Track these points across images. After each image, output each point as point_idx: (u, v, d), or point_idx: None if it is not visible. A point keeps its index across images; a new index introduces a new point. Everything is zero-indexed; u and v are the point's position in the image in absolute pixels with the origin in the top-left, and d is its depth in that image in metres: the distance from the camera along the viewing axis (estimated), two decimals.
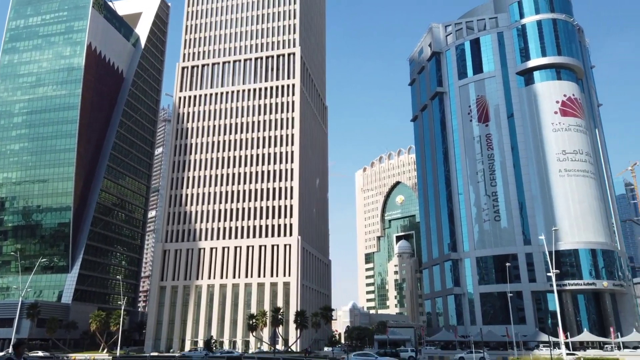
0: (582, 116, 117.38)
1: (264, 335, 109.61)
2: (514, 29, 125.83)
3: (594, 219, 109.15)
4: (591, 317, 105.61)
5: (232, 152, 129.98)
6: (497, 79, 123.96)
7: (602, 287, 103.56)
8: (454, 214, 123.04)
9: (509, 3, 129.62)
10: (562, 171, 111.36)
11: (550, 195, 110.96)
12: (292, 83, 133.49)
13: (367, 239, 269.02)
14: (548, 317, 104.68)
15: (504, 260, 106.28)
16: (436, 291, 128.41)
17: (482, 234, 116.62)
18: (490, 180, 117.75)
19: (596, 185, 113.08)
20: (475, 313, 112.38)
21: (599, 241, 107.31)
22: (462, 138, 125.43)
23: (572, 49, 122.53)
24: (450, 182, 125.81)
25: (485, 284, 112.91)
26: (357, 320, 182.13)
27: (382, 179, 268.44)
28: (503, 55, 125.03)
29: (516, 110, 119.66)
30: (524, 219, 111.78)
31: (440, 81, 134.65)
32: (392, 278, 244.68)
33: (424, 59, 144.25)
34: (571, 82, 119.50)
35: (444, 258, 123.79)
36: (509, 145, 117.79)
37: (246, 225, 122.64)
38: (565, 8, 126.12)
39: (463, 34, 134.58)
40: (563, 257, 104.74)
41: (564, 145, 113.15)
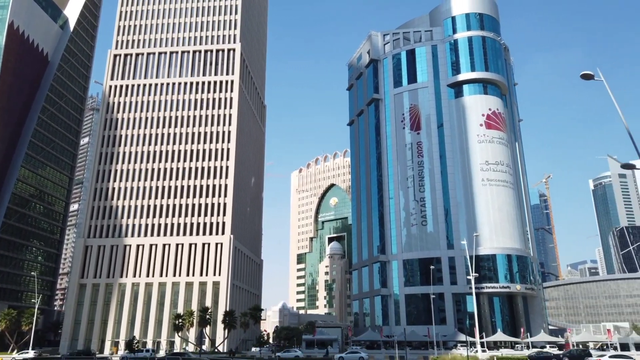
0: (505, 130, 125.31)
1: (190, 336, 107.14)
2: (447, 43, 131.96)
3: (511, 227, 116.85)
4: (505, 318, 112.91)
5: (164, 147, 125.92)
6: (429, 90, 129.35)
7: (516, 290, 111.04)
8: (384, 217, 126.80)
9: (443, 18, 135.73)
10: (484, 180, 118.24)
11: (473, 202, 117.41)
12: (230, 79, 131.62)
13: (300, 240, 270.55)
14: (466, 318, 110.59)
15: (428, 263, 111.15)
16: (364, 292, 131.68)
17: (410, 237, 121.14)
18: (420, 187, 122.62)
19: (514, 194, 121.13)
20: (400, 314, 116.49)
21: (515, 247, 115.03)
22: (395, 144, 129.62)
23: (498, 65, 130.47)
24: (382, 186, 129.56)
25: (410, 285, 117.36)
26: (287, 321, 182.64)
27: (317, 181, 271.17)
28: (436, 67, 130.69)
29: (446, 120, 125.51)
30: (449, 224, 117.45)
31: (377, 88, 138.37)
32: (323, 279, 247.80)
33: (363, 65, 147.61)
34: (496, 97, 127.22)
35: (373, 260, 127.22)
36: (438, 154, 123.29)
37: (176, 223, 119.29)
38: (494, 27, 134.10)
39: (400, 44, 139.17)
40: (482, 261, 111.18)
41: (487, 156, 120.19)
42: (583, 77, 29.66)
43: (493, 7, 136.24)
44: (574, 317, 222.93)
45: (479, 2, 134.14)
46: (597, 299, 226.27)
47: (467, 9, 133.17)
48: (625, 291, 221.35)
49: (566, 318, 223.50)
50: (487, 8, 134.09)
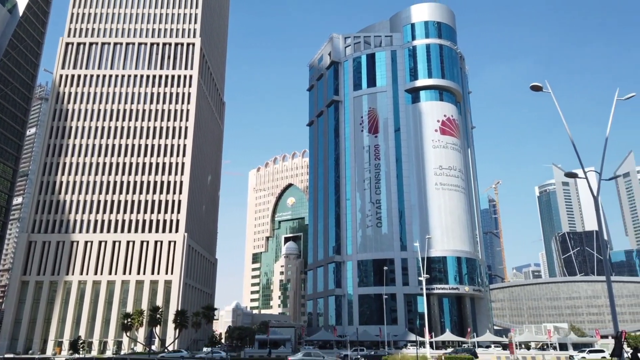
0: (458, 136, 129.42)
1: (139, 336, 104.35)
2: (406, 49, 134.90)
3: (461, 230, 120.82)
4: (453, 319, 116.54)
5: (117, 140, 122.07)
6: (388, 94, 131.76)
7: (464, 291, 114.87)
8: (340, 218, 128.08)
9: (403, 24, 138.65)
10: (437, 185, 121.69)
11: (426, 205, 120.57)
12: (189, 74, 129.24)
13: (256, 239, 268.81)
14: (417, 318, 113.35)
15: (382, 264, 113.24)
16: (319, 292, 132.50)
17: (365, 238, 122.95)
18: (376, 189, 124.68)
19: (465, 199, 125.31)
20: (353, 314, 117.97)
21: (465, 250, 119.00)
22: (353, 146, 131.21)
23: (454, 73, 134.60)
24: (339, 187, 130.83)
25: (364, 286, 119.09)
26: (240, 320, 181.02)
27: (275, 180, 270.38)
28: (395, 72, 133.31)
29: (403, 124, 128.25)
30: (403, 226, 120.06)
31: (337, 90, 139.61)
32: (278, 278, 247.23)
33: (324, 66, 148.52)
34: (451, 104, 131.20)
35: (328, 260, 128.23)
36: (394, 157, 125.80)
37: (128, 219, 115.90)
38: (451, 36, 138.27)
39: (361, 48, 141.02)
40: (433, 263, 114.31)
41: (441, 161, 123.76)
42: (532, 89, 31.16)
43: (450, 17, 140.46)
44: (517, 318, 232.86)
45: (438, 12, 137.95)
46: (539, 300, 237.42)
47: (426, 17, 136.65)
48: (565, 293, 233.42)
49: (510, 319, 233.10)
50: (445, 17, 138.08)
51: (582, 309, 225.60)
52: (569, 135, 31.08)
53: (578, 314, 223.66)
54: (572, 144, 31.19)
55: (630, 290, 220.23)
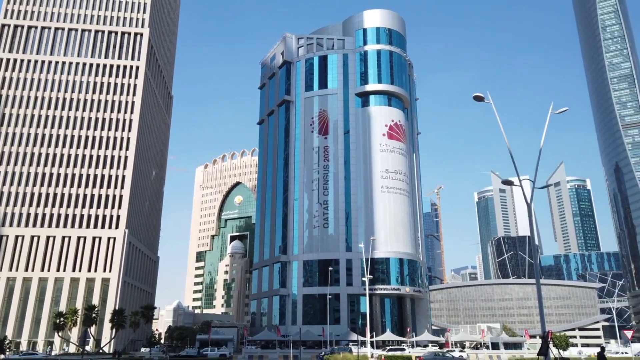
0: (405, 141, 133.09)
1: (73, 336, 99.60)
2: (358, 53, 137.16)
3: (404, 232, 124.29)
4: (394, 319, 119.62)
5: (55, 130, 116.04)
6: (338, 97, 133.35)
7: (405, 292, 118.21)
8: (288, 218, 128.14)
9: (355, 29, 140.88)
10: (383, 188, 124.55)
11: (372, 208, 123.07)
12: (136, 65, 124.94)
13: (200, 237, 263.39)
14: (359, 318, 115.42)
15: (327, 265, 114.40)
16: (263, 292, 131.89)
17: (311, 239, 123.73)
18: (324, 190, 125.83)
19: (409, 202, 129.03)
20: (297, 313, 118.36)
21: (407, 252, 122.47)
22: (302, 147, 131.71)
23: (402, 80, 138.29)
24: (288, 187, 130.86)
25: (309, 286, 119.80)
26: (181, 320, 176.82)
27: (223, 178, 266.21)
28: (346, 75, 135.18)
29: (352, 127, 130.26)
30: (349, 227, 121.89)
31: (289, 90, 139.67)
32: (222, 278, 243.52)
33: (276, 65, 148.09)
34: (399, 110, 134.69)
35: (274, 260, 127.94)
36: (343, 159, 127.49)
37: (64, 214, 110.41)
38: (401, 44, 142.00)
39: (313, 49, 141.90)
40: (377, 264, 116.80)
41: (387, 165, 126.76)
42: (475, 99, 32.66)
43: (401, 24, 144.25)
44: (454, 318, 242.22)
45: (389, 19, 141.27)
46: (474, 301, 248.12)
47: (378, 23, 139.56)
48: (498, 295, 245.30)
49: (447, 319, 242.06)
50: (395, 25, 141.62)
51: (513, 310, 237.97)
52: (507, 144, 32.73)
53: (510, 314, 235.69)
54: (510, 154, 32.92)
55: (557, 293, 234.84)
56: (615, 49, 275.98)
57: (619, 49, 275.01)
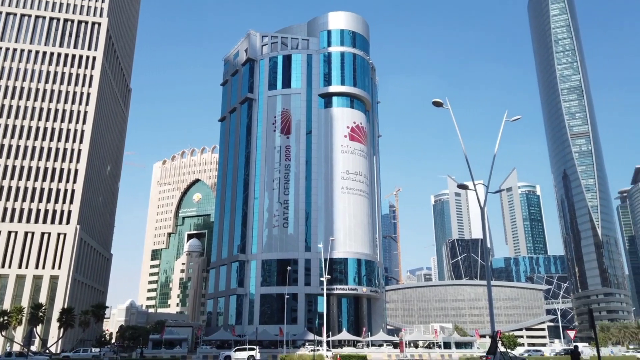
0: (366, 143, 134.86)
1: (17, 335, 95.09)
2: (322, 54, 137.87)
3: (363, 233, 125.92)
4: (350, 318, 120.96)
5: (3, 120, 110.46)
6: (302, 97, 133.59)
7: (362, 292, 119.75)
8: (248, 217, 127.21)
9: (320, 30, 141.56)
10: (344, 188, 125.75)
11: (332, 208, 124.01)
12: (92, 55, 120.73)
13: (157, 235, 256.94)
14: (316, 317, 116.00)
15: (286, 265, 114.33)
16: (220, 291, 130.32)
17: (271, 238, 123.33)
18: (284, 189, 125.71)
19: (368, 204, 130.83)
20: (254, 313, 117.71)
21: (365, 252, 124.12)
22: (264, 146, 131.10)
23: (365, 83, 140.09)
24: (248, 186, 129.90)
25: (267, 285, 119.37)
26: (134, 319, 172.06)
27: (182, 175, 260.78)
28: (310, 76, 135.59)
29: (314, 128, 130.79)
30: (308, 227, 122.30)
31: (252, 88, 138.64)
32: (178, 276, 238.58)
33: (239, 62, 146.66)
34: (361, 112, 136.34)
35: (232, 259, 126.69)
36: (304, 159, 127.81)
37: (11, 207, 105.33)
38: (364, 47, 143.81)
39: (278, 48, 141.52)
40: (335, 264, 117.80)
41: (348, 166, 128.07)
42: (434, 104, 33.68)
43: (365, 28, 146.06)
44: (408, 318, 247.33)
45: (353, 22, 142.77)
46: (428, 302, 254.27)
47: (342, 25, 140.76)
48: (452, 296, 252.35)
49: (402, 319, 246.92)
50: (360, 28, 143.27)
51: (465, 311, 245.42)
52: (463, 150, 33.88)
53: (462, 315, 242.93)
54: (465, 159, 34.07)
55: (507, 294, 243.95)
56: (566, 62, 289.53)
57: (570, 61, 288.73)
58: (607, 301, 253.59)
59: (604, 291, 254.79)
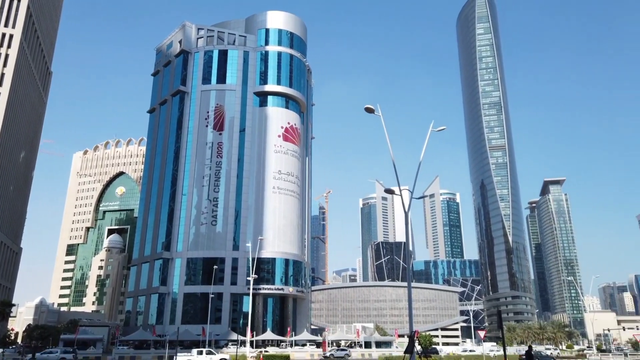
0: (299, 144, 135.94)
1: None
2: (259, 52, 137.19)
3: (292, 234, 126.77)
4: (275, 318, 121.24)
5: None
6: (237, 93, 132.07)
7: (289, 292, 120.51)
8: (174, 213, 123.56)
9: (258, 27, 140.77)
10: (275, 188, 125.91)
11: (262, 207, 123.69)
12: (9, 33, 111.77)
13: (74, 229, 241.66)
14: (241, 317, 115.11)
15: (213, 263, 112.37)
16: (141, 289, 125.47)
17: (198, 236, 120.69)
18: (215, 187, 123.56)
19: (299, 204, 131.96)
20: (176, 312, 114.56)
21: (293, 252, 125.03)
22: (195, 141, 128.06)
23: (301, 84, 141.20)
24: (176, 181, 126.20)
25: (191, 284, 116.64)
26: (44, 318, 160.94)
27: (105, 167, 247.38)
28: (246, 73, 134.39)
29: (248, 126, 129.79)
30: (237, 226, 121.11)
31: (185, 80, 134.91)
32: (96, 273, 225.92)
33: (172, 53, 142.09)
34: (296, 113, 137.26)
35: (155, 256, 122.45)
36: (237, 157, 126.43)
37: None
38: (302, 48, 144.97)
39: (214, 42, 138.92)
40: (263, 264, 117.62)
41: (280, 166, 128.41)
42: (366, 111, 34.90)
43: (303, 30, 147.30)
44: (332, 318, 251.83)
45: (292, 22, 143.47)
46: (352, 302, 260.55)
47: (281, 25, 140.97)
48: (374, 296, 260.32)
49: (326, 319, 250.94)
50: (298, 29, 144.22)
51: (386, 311, 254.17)
52: (391, 156, 35.41)
53: (383, 315, 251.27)
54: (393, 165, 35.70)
55: (426, 295, 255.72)
56: (488, 78, 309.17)
57: (492, 78, 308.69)
58: (514, 303, 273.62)
59: (511, 294, 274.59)
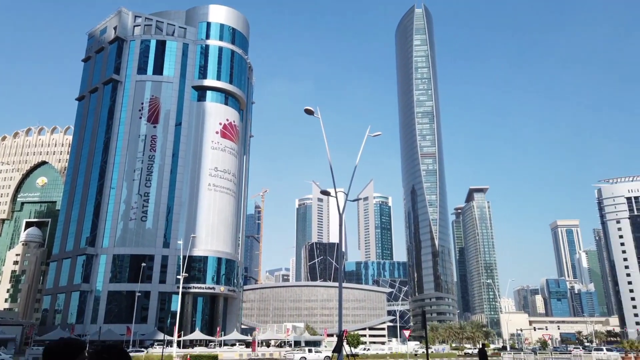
0: (237, 141, 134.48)
1: None
2: (199, 46, 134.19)
3: (226, 232, 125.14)
4: (205, 318, 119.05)
5: None
6: (174, 86, 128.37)
7: (220, 291, 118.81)
8: (101, 207, 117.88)
9: (199, 20, 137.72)
10: (210, 185, 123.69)
11: (196, 204, 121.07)
12: None
13: None
14: (169, 317, 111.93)
15: (141, 260, 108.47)
16: (61, 286, 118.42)
17: (126, 232, 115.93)
18: (146, 181, 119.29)
19: (235, 203, 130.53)
20: (99, 311, 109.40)
21: (226, 251, 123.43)
22: (127, 133, 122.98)
23: (241, 81, 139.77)
24: (105, 174, 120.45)
25: (117, 282, 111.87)
26: None
27: (25, 155, 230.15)
28: (184, 65, 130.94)
29: (185, 120, 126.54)
30: (169, 223, 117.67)
31: (118, 69, 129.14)
32: (10, 269, 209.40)
33: (106, 39, 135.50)
34: (235, 110, 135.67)
35: (78, 252, 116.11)
36: (171, 151, 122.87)
37: None
38: (244, 45, 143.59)
39: (152, 31, 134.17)
40: (194, 262, 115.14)
41: (217, 163, 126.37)
42: (306, 112, 35.46)
43: (246, 27, 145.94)
44: (264, 318, 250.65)
45: (234, 18, 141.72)
46: (284, 302, 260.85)
47: (223, 20, 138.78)
48: (306, 296, 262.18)
49: (257, 318, 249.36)
50: (240, 26, 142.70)
51: (317, 311, 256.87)
52: (329, 158, 36.27)
53: (314, 314, 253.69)
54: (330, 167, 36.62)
55: (356, 295, 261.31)
56: (423, 88, 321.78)
57: (426, 88, 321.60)
58: (438, 304, 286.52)
59: (436, 295, 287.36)
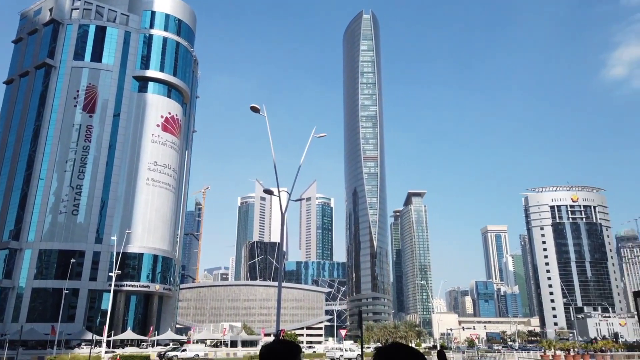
0: (179, 136, 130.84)
1: None
2: (142, 35, 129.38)
3: (164, 228, 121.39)
4: (137, 317, 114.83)
5: None
6: (113, 75, 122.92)
7: (155, 290, 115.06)
8: (28, 199, 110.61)
9: (143, 8, 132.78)
10: (149, 180, 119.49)
11: (133, 199, 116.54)
12: None
13: None
14: (98, 315, 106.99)
15: (70, 256, 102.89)
16: None
17: (55, 225, 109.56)
18: (79, 173, 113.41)
19: (174, 199, 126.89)
20: (21, 309, 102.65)
21: (163, 249, 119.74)
22: (60, 121, 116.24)
23: (186, 74, 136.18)
24: (33, 164, 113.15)
25: (42, 278, 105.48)
26: None
27: None
28: (125, 54, 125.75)
29: (124, 111, 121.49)
30: (103, 217, 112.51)
31: (53, 53, 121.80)
32: None
33: (41, 21, 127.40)
34: (178, 103, 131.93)
35: (0, 246, 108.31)
36: (108, 143, 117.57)
37: None
38: (189, 38, 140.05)
39: (91, 16, 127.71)
40: (129, 259, 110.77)
41: (157, 157, 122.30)
42: (252, 110, 35.17)
43: (192, 19, 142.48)
44: (200, 317, 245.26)
45: (181, 9, 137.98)
46: (222, 301, 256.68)
47: (168, 10, 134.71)
48: (244, 295, 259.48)
49: (194, 318, 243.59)
50: (187, 17, 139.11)
51: (255, 310, 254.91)
52: (273, 157, 36.24)
53: (252, 314, 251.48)
54: (274, 166, 36.60)
55: (295, 295, 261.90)
56: (367, 93, 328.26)
57: (370, 93, 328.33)
58: (374, 304, 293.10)
59: (372, 295, 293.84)
